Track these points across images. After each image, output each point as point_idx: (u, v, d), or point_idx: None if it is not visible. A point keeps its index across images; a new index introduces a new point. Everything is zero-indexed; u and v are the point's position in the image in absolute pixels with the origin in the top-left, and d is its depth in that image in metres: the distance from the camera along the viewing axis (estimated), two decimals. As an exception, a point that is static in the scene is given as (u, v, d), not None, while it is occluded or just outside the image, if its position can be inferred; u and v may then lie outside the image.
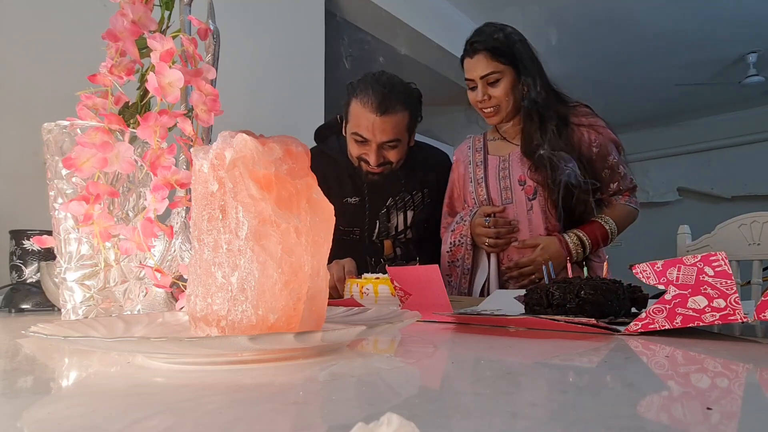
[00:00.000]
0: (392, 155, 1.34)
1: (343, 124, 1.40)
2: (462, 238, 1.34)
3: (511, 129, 1.37)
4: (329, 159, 1.42)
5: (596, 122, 1.30)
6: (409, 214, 1.46)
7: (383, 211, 1.45)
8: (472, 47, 1.30)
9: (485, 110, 1.32)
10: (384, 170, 1.35)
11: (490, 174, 1.38)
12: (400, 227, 1.46)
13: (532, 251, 1.25)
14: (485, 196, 1.36)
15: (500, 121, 1.34)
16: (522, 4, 3.10)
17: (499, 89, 1.29)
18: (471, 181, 1.40)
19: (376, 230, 1.45)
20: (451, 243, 1.36)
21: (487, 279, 1.30)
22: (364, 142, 1.32)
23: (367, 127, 1.29)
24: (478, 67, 1.28)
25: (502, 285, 1.29)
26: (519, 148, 1.33)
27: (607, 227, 1.26)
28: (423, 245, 1.53)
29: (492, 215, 1.31)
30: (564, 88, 1.35)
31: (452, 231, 1.37)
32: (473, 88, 1.32)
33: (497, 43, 1.27)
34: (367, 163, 1.34)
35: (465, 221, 1.35)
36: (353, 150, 1.36)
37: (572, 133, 1.27)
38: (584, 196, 1.24)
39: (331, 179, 1.39)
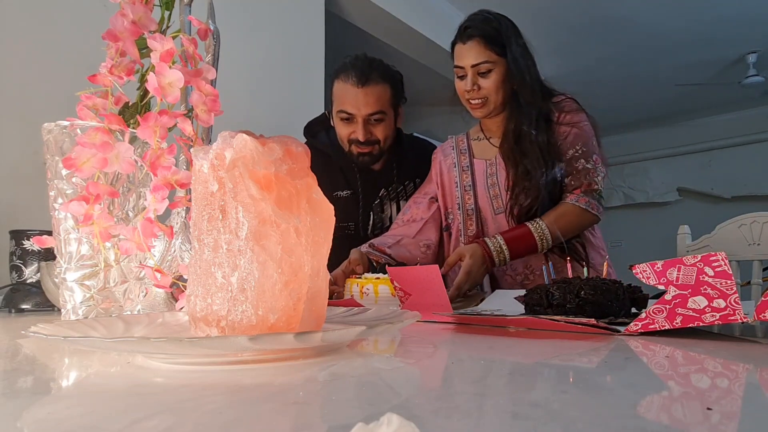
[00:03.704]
0: (379, 131, 1.35)
1: (331, 114, 1.41)
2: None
3: (495, 126, 1.30)
4: (319, 153, 1.41)
5: (576, 118, 1.21)
6: (402, 204, 1.47)
7: (377, 202, 1.45)
8: (465, 32, 1.21)
9: (472, 101, 1.23)
10: (373, 150, 1.36)
11: (478, 181, 1.30)
12: (394, 218, 1.46)
13: (458, 267, 1.12)
14: (473, 206, 1.29)
15: (485, 115, 1.26)
16: (523, 4, 3.10)
17: (489, 80, 1.20)
18: (457, 187, 1.32)
19: (371, 223, 1.45)
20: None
21: None
22: (349, 118, 1.33)
23: (351, 102, 1.31)
24: (471, 54, 1.20)
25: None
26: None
27: (536, 235, 1.13)
28: None
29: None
30: (554, 84, 1.28)
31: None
32: (462, 77, 1.23)
33: (493, 31, 1.20)
34: (357, 143, 1.35)
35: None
36: (342, 131, 1.37)
37: (553, 132, 1.20)
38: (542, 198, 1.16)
39: (322, 173, 1.38)
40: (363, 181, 1.43)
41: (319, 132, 1.49)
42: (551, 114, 1.22)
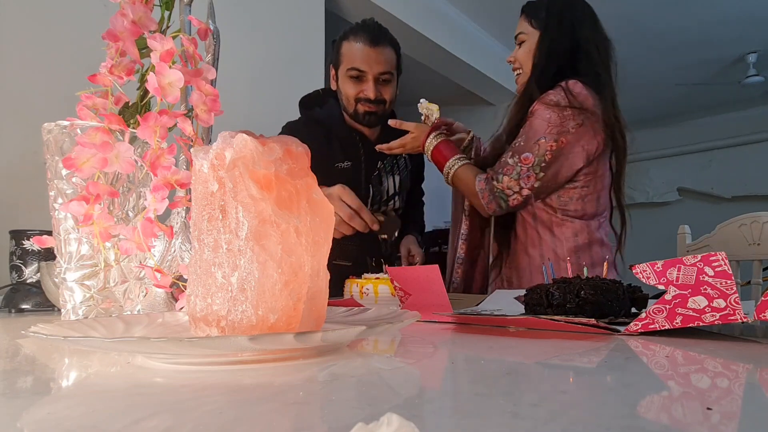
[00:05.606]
0: (387, 92, 1.40)
1: (334, 76, 1.44)
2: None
3: None
4: (317, 125, 1.43)
5: (538, 108, 1.15)
6: (396, 178, 1.50)
7: (375, 174, 1.47)
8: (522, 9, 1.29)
9: (514, 72, 1.29)
10: (378, 110, 1.39)
11: None
12: (391, 191, 1.49)
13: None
14: None
15: (522, 88, 1.27)
16: (523, 3, 3.09)
17: (522, 51, 1.25)
18: None
19: (370, 196, 1.47)
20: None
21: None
22: (360, 76, 1.36)
23: (363, 60, 1.35)
24: (518, 27, 1.27)
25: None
26: None
27: (447, 166, 1.24)
28: (408, 218, 1.57)
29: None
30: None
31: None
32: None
33: (537, 5, 1.25)
34: (365, 101, 1.38)
35: None
36: (349, 90, 1.39)
37: (526, 114, 1.19)
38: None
39: (321, 144, 1.40)
40: (365, 151, 1.45)
41: (313, 108, 1.50)
42: (534, 95, 1.19)
